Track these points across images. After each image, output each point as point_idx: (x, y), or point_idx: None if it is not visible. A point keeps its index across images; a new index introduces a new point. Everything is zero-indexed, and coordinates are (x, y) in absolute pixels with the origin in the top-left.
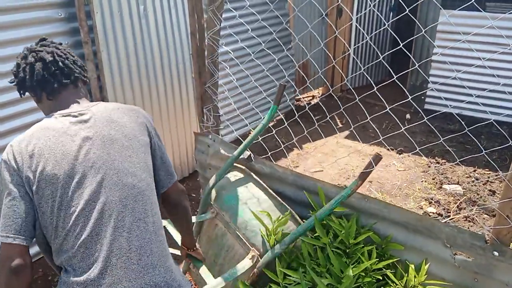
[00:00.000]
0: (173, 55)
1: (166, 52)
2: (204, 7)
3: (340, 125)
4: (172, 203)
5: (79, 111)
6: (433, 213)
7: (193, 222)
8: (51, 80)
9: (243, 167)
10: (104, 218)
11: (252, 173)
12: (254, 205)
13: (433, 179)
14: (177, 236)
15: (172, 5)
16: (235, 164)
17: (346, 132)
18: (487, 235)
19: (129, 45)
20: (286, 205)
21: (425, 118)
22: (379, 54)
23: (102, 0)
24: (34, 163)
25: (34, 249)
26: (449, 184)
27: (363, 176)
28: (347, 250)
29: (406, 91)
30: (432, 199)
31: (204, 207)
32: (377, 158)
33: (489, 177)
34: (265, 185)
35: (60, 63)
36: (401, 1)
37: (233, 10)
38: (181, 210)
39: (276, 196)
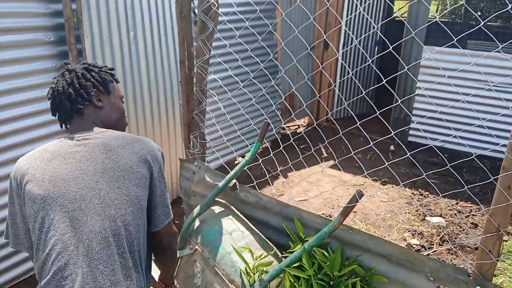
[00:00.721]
0: (161, 82)
1: (155, 78)
2: (194, 36)
3: (325, 155)
4: (162, 244)
5: (84, 136)
6: (417, 245)
7: None
8: (59, 110)
9: (224, 202)
10: (81, 248)
11: (233, 208)
12: (236, 240)
13: (417, 211)
14: (156, 272)
15: (162, 33)
16: (216, 198)
17: (331, 162)
18: (470, 269)
19: (117, 70)
20: (269, 241)
21: (408, 154)
22: (364, 89)
23: (92, 24)
24: (24, 181)
25: None
26: (432, 216)
27: (345, 212)
28: (331, 282)
29: (389, 126)
30: (415, 231)
31: (183, 241)
32: (360, 194)
33: (471, 210)
34: (246, 220)
35: (64, 94)
36: (385, 39)
37: (222, 39)
38: (169, 253)
39: (259, 232)
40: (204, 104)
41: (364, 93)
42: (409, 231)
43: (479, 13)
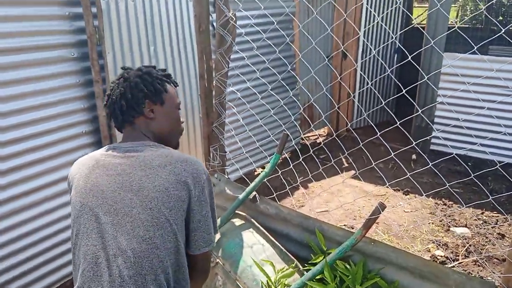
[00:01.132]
0: (181, 95)
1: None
2: (212, 49)
3: (346, 165)
4: (195, 268)
5: (129, 148)
6: (441, 256)
7: None
8: (113, 118)
9: (244, 214)
10: (109, 263)
11: (254, 221)
12: (256, 253)
13: (440, 221)
14: None
15: (182, 46)
16: (236, 211)
17: (352, 172)
18: (497, 282)
19: None
20: (290, 254)
21: (430, 163)
22: (384, 98)
23: (114, 40)
24: (71, 185)
25: None
26: (456, 226)
27: (368, 224)
28: None
29: (410, 135)
30: (439, 242)
31: None
32: (382, 206)
33: (497, 220)
34: (267, 232)
35: (116, 104)
36: (404, 49)
37: (240, 52)
38: (201, 276)
39: (279, 244)
40: (224, 116)
41: (384, 103)
42: (433, 242)
43: (500, 18)
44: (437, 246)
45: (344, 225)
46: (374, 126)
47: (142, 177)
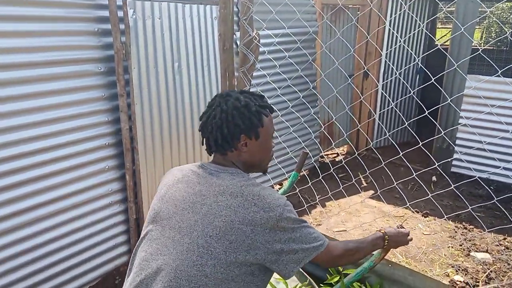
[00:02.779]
0: (203, 111)
1: (197, 107)
2: (235, 66)
3: (365, 184)
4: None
5: (213, 171)
6: (461, 281)
7: None
8: (206, 141)
9: None
10: (156, 276)
11: None
12: None
13: (460, 245)
14: None
15: (205, 63)
16: None
17: (371, 192)
18: None
19: (161, 99)
20: (305, 273)
21: (453, 186)
22: (405, 117)
23: (140, 56)
24: (159, 190)
25: None
26: (477, 251)
27: (387, 247)
28: None
29: (431, 156)
30: (459, 266)
31: None
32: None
33: None
34: None
35: (211, 134)
36: (426, 71)
37: (262, 70)
38: (343, 263)
39: None
40: None
41: (406, 124)
42: (452, 267)
43: None
44: (456, 271)
45: None
46: (396, 146)
47: (213, 203)
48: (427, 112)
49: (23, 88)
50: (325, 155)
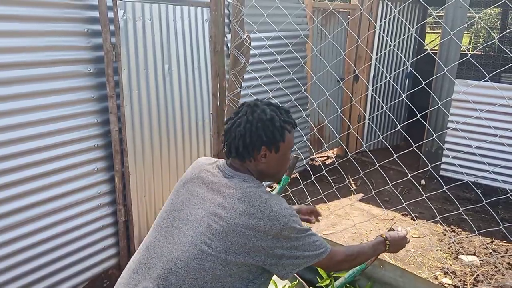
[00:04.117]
0: (193, 113)
1: (187, 109)
2: (226, 69)
3: (355, 187)
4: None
5: (228, 174)
6: (449, 284)
7: None
8: (225, 147)
9: None
10: (158, 262)
11: None
12: None
13: (449, 248)
14: None
15: (196, 65)
16: None
17: (361, 195)
18: None
19: (152, 100)
20: (295, 274)
21: (443, 188)
22: (394, 123)
23: (130, 57)
24: (182, 177)
25: None
26: (465, 254)
27: (388, 252)
28: None
29: (419, 160)
30: (447, 269)
31: None
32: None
33: (507, 250)
34: None
35: (233, 141)
36: (416, 74)
37: (253, 72)
38: (344, 268)
39: None
40: None
41: (399, 127)
42: (441, 270)
43: None
44: (445, 274)
45: None
46: (391, 149)
47: (220, 203)
48: (418, 116)
49: (11, 89)
50: (314, 158)
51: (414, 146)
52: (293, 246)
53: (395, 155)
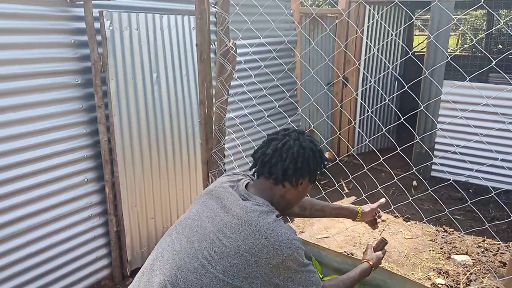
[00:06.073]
0: (182, 120)
1: (176, 117)
2: (213, 76)
3: (347, 190)
4: None
5: (243, 195)
6: (442, 284)
7: None
8: (256, 163)
9: None
10: (162, 267)
11: None
12: None
13: (441, 248)
14: None
15: (184, 73)
16: None
17: (353, 198)
18: None
19: (140, 109)
20: None
21: (430, 189)
22: (385, 123)
23: (117, 67)
24: (207, 188)
25: None
26: (458, 254)
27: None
28: None
29: (411, 161)
30: (440, 269)
31: None
32: (383, 243)
33: (499, 248)
34: None
35: (281, 161)
36: (401, 80)
37: (238, 79)
38: None
39: None
40: (223, 142)
41: (384, 130)
42: (434, 270)
43: (500, 46)
44: (438, 274)
45: (344, 251)
46: (377, 152)
47: (227, 223)
48: (402, 119)
49: None
50: None
51: (399, 149)
52: (289, 278)
53: (381, 158)
